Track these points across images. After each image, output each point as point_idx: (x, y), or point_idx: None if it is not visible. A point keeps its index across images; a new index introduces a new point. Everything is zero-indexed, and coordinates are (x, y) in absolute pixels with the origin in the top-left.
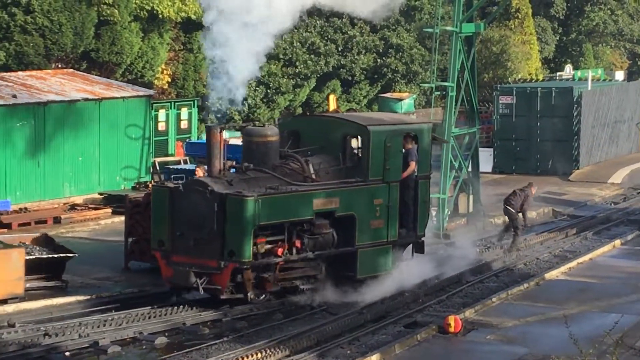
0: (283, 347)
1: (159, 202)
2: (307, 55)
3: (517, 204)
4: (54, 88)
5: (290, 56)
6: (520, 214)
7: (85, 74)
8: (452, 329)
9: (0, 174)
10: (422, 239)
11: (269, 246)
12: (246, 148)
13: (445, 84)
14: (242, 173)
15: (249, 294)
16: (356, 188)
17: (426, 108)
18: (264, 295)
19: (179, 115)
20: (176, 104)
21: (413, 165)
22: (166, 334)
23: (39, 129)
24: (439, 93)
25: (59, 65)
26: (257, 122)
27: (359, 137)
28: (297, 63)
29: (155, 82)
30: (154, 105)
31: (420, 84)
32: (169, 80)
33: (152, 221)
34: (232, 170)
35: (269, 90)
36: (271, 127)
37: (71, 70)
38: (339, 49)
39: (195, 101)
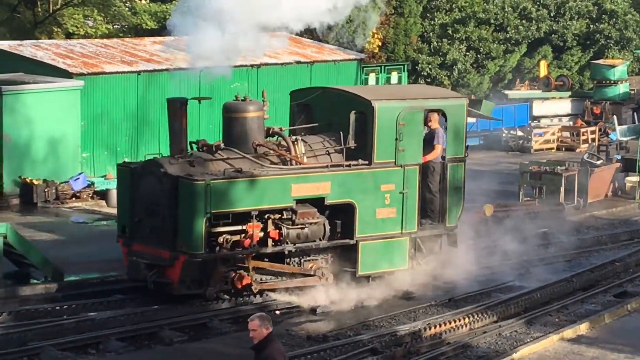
0: (491, 312)
1: (122, 184)
2: (519, 21)
3: None
4: (267, 51)
5: (502, 21)
6: None
7: (298, 37)
8: None
9: (215, 133)
10: (454, 230)
11: (231, 237)
12: (224, 125)
13: None
14: (211, 153)
15: (208, 290)
16: (355, 172)
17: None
18: (232, 291)
19: (388, 79)
20: (386, 67)
21: (439, 149)
22: None
23: (252, 90)
24: None
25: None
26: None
27: (364, 113)
28: (508, 28)
29: (366, 46)
30: (365, 69)
31: (634, 51)
32: (380, 44)
33: (117, 205)
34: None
35: (479, 56)
36: (253, 101)
37: (284, 33)
38: (551, 14)
39: (405, 65)
